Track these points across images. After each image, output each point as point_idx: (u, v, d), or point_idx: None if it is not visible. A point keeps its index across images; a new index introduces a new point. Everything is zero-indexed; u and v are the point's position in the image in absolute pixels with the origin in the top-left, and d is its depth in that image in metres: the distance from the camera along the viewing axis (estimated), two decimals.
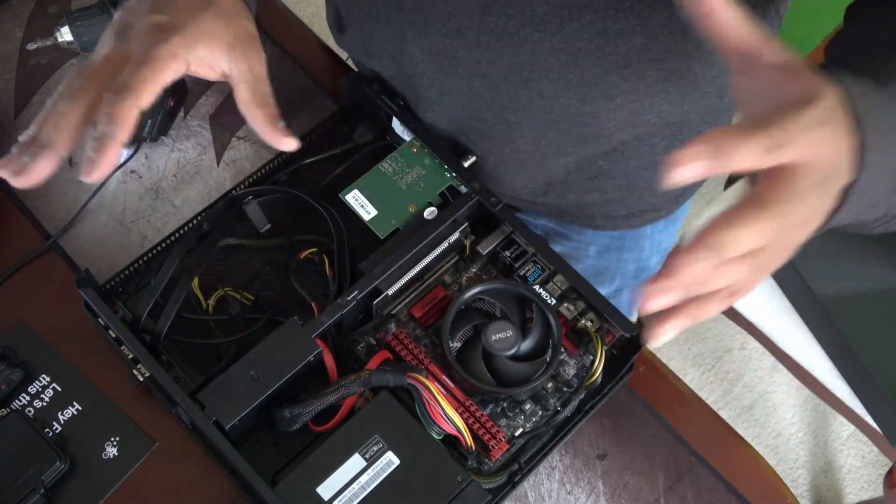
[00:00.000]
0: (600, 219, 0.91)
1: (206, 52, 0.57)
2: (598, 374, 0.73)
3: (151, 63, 0.54)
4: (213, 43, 0.57)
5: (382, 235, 0.76)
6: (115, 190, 0.86)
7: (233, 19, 0.59)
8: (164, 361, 0.73)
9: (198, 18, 0.56)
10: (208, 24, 0.57)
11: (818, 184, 0.46)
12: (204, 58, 0.57)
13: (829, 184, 0.47)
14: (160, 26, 0.55)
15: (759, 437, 1.66)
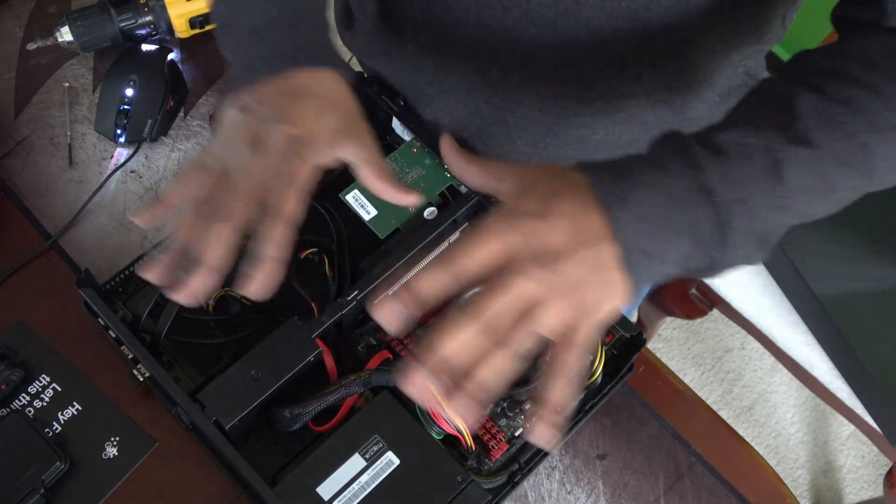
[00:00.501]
0: None
1: (330, 151, 0.60)
2: (598, 374, 0.73)
3: (296, 183, 0.56)
4: (339, 142, 0.60)
5: (382, 235, 0.76)
6: (115, 190, 0.86)
7: (347, 113, 0.61)
8: (164, 361, 0.73)
9: (323, 123, 0.59)
10: (332, 125, 0.59)
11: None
12: (329, 157, 0.60)
13: (595, 258, 0.50)
14: (294, 140, 0.57)
15: (759, 437, 1.66)
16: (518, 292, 0.48)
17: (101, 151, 0.89)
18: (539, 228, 0.49)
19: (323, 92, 0.60)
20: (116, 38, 0.90)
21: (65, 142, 0.89)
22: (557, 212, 0.50)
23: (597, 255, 0.49)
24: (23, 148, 0.88)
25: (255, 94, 0.59)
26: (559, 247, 0.49)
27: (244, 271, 0.56)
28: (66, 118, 0.90)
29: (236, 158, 0.57)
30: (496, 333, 0.48)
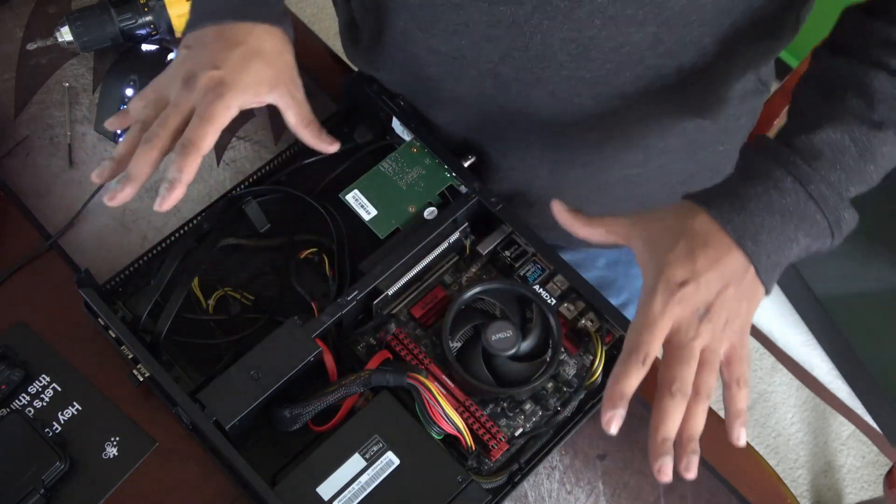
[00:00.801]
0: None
1: (253, 98, 0.67)
2: (598, 374, 0.73)
3: (211, 119, 0.64)
4: (261, 89, 0.67)
5: (382, 235, 0.76)
6: None
7: (276, 61, 0.68)
8: (164, 361, 0.73)
9: (248, 70, 0.66)
10: (256, 73, 0.66)
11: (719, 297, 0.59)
12: (251, 102, 0.67)
13: (737, 287, 0.59)
14: (218, 82, 0.65)
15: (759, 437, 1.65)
16: (696, 353, 0.57)
17: (101, 151, 0.89)
18: (695, 291, 0.58)
19: (255, 44, 0.67)
20: (116, 38, 0.90)
21: (65, 142, 0.89)
22: (703, 268, 0.58)
23: (743, 287, 0.59)
24: (23, 148, 0.88)
25: (199, 38, 0.68)
26: (712, 297, 0.58)
27: (159, 192, 0.64)
28: (66, 118, 0.90)
29: (172, 91, 0.66)
30: (695, 392, 0.57)
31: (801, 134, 0.61)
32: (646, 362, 0.57)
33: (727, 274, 0.59)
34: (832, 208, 0.60)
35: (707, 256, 0.59)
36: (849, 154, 0.60)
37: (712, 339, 0.58)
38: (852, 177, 0.61)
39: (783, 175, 0.60)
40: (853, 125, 0.60)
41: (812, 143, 0.60)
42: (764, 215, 0.59)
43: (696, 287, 0.58)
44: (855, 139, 0.60)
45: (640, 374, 0.57)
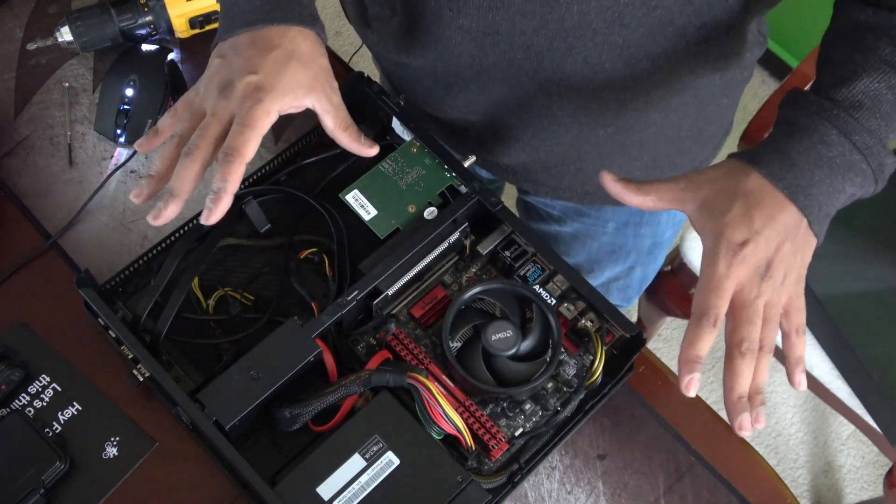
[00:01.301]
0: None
1: (293, 101, 0.66)
2: (598, 374, 0.73)
3: (251, 125, 0.63)
4: (299, 92, 0.66)
5: (382, 235, 0.76)
6: (115, 190, 0.86)
7: (311, 64, 0.67)
8: (164, 361, 0.73)
9: (285, 73, 0.65)
10: (293, 76, 0.66)
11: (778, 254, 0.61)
12: (290, 105, 0.66)
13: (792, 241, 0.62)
14: (256, 87, 0.64)
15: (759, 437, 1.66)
16: (760, 312, 0.60)
17: (101, 151, 0.89)
18: (755, 250, 0.60)
19: (290, 46, 0.66)
20: (116, 38, 0.90)
21: (65, 142, 0.89)
22: (761, 226, 0.61)
23: (798, 240, 0.62)
24: (23, 148, 0.88)
25: (232, 46, 0.67)
26: (771, 254, 0.61)
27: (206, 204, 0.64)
28: (66, 118, 0.90)
29: (209, 101, 0.66)
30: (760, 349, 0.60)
31: (840, 86, 0.63)
32: (716, 324, 0.60)
33: (783, 230, 0.61)
34: (875, 155, 0.62)
35: (763, 215, 0.61)
36: (886, 102, 0.62)
37: (773, 295, 0.61)
38: (891, 123, 0.63)
39: (828, 128, 0.62)
40: (889, 73, 0.62)
41: (852, 94, 0.62)
42: (813, 169, 0.61)
43: (755, 246, 0.60)
44: (892, 86, 0.62)
45: (711, 336, 0.60)
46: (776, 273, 0.61)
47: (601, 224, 0.99)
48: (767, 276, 0.60)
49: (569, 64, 0.73)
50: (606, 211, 0.97)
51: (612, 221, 0.99)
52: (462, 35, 0.74)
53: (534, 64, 0.74)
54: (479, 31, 0.73)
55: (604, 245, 1.01)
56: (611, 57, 0.72)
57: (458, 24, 0.73)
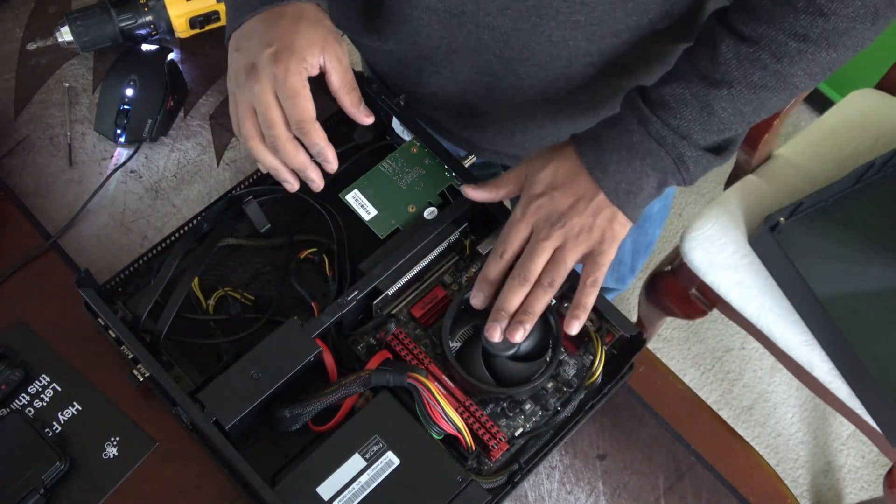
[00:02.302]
0: None
1: (311, 58, 0.68)
2: (598, 374, 0.73)
3: (295, 93, 0.66)
4: (314, 49, 0.68)
5: (382, 235, 0.76)
6: (115, 190, 0.86)
7: (319, 25, 0.69)
8: (164, 361, 0.73)
9: (297, 35, 0.67)
10: (306, 35, 0.68)
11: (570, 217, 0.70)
12: (311, 64, 0.68)
13: (587, 202, 0.70)
14: (276, 56, 0.66)
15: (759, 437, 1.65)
16: (544, 251, 0.69)
17: (101, 151, 0.89)
18: (549, 201, 0.70)
19: (295, 12, 0.69)
20: (116, 38, 0.90)
21: (65, 142, 0.89)
22: (558, 184, 0.70)
23: (593, 204, 0.70)
24: (23, 148, 0.88)
25: (244, 31, 0.69)
26: (565, 209, 0.69)
27: (310, 178, 0.70)
28: (66, 118, 0.90)
29: (247, 93, 0.68)
30: (537, 281, 0.69)
31: (657, 86, 0.71)
32: (503, 257, 0.70)
33: (579, 191, 0.70)
34: (671, 146, 0.69)
35: (564, 177, 0.71)
36: (690, 106, 0.69)
37: (565, 242, 0.69)
38: (693, 124, 0.69)
39: (631, 119, 0.70)
40: (695, 82, 0.69)
41: (660, 94, 0.70)
42: (613, 150, 0.70)
43: (549, 199, 0.70)
44: (695, 94, 0.69)
45: (497, 266, 0.70)
46: (569, 224, 0.69)
47: None
48: (559, 225, 0.69)
49: (533, 42, 0.74)
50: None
51: None
52: (429, 15, 0.75)
53: (500, 44, 0.75)
54: (446, 10, 0.74)
55: None
56: (574, 35, 0.73)
57: (424, 3, 0.74)
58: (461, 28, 0.75)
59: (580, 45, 0.74)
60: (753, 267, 1.18)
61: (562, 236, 0.69)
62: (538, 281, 0.69)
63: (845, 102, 1.33)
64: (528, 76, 0.78)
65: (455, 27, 0.75)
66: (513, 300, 0.69)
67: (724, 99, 0.69)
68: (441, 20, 0.75)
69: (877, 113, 1.29)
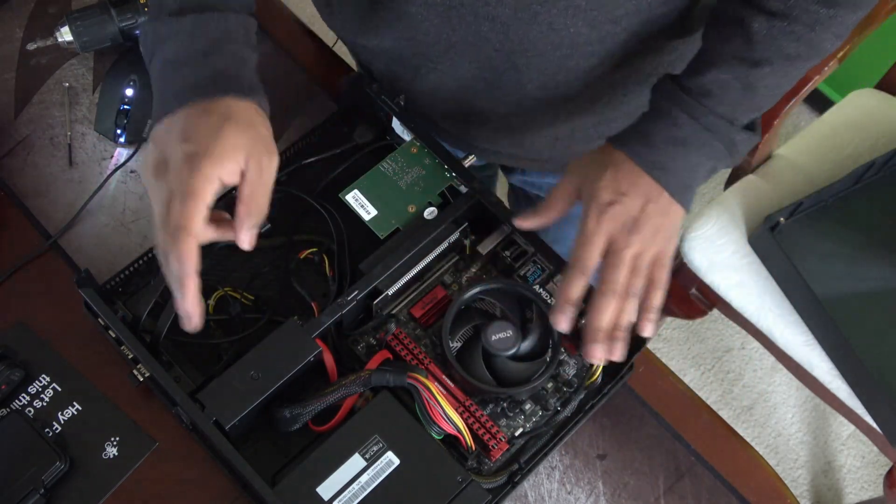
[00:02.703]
0: None
1: (232, 165, 0.62)
2: (598, 374, 0.73)
3: (192, 195, 0.59)
4: (238, 155, 0.62)
5: (382, 235, 0.76)
6: (115, 190, 0.86)
7: (249, 129, 0.63)
8: (164, 361, 0.73)
9: (220, 136, 0.61)
10: (230, 138, 0.61)
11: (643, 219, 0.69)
12: (231, 171, 0.62)
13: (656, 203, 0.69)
14: (191, 155, 0.60)
15: (759, 437, 1.65)
16: (626, 260, 0.68)
17: (101, 151, 0.89)
18: (622, 208, 0.69)
19: (225, 111, 0.63)
20: (116, 38, 0.90)
21: (65, 142, 0.89)
22: (626, 189, 0.69)
23: (661, 205, 0.70)
24: (23, 148, 0.88)
25: (166, 124, 0.63)
26: (637, 213, 0.69)
27: (174, 294, 0.61)
28: (66, 118, 0.90)
29: (151, 191, 0.62)
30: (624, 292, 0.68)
31: (694, 75, 0.71)
32: (584, 272, 0.68)
33: (646, 193, 0.69)
34: (723, 134, 0.70)
35: (627, 181, 0.70)
36: (733, 89, 0.70)
37: (641, 247, 0.68)
38: (738, 107, 0.71)
39: (679, 112, 0.70)
40: (735, 65, 0.70)
41: (702, 83, 0.70)
42: (668, 147, 0.70)
43: (622, 206, 0.69)
44: (738, 76, 0.70)
45: (580, 283, 0.68)
46: (644, 229, 0.68)
47: None
48: (636, 230, 0.68)
49: (534, 31, 0.74)
50: None
51: None
52: (427, 10, 0.74)
53: (500, 35, 0.75)
54: (444, 4, 0.73)
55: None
56: (575, 22, 0.73)
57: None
58: (460, 21, 0.74)
59: (581, 31, 0.74)
60: (753, 267, 1.18)
61: (639, 242, 0.68)
62: (626, 292, 0.68)
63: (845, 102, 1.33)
64: (527, 68, 0.78)
65: (454, 20, 0.74)
66: (607, 316, 0.67)
67: (766, 77, 0.70)
68: (439, 14, 0.74)
69: (877, 113, 1.29)
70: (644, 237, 0.68)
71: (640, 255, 0.68)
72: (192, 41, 0.64)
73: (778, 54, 0.70)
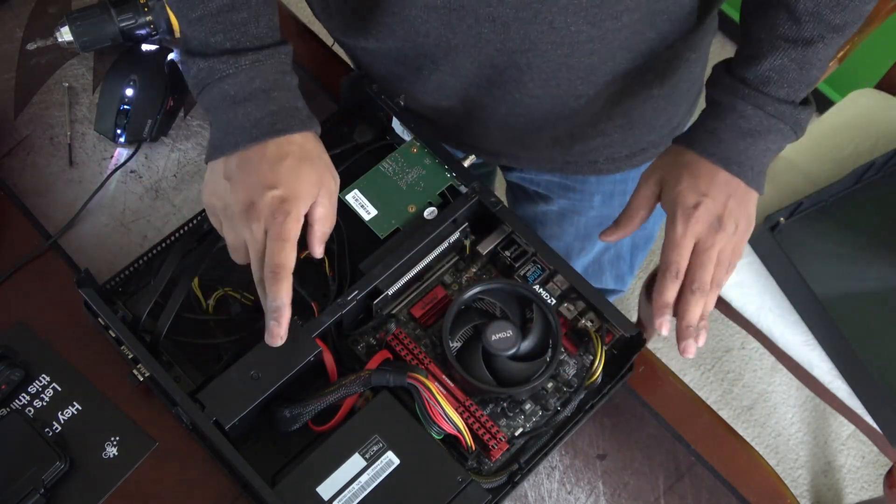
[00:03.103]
0: (603, 162, 0.93)
1: (312, 200, 0.68)
2: (598, 374, 0.73)
3: (287, 238, 0.66)
4: (315, 191, 0.69)
5: (382, 235, 0.76)
6: (115, 190, 0.86)
7: (318, 163, 0.70)
8: (164, 361, 0.73)
9: (301, 178, 0.68)
10: (308, 178, 0.68)
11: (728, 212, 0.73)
12: (310, 203, 0.68)
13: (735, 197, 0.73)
14: (281, 200, 0.66)
15: (759, 437, 1.65)
16: (713, 258, 0.72)
17: (101, 151, 0.89)
18: (706, 210, 0.72)
19: (298, 152, 0.69)
20: (116, 38, 0.90)
21: (65, 142, 0.89)
22: (707, 189, 0.72)
23: (740, 197, 0.73)
24: (23, 148, 0.88)
25: (238, 162, 0.68)
26: (720, 210, 0.72)
27: (267, 325, 0.67)
28: (66, 118, 0.90)
29: (239, 228, 0.68)
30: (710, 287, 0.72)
31: (750, 65, 0.73)
32: (678, 276, 0.71)
33: (726, 188, 0.73)
34: (789, 117, 0.73)
35: (706, 180, 0.73)
36: (791, 71, 0.72)
37: (726, 243, 0.72)
38: (798, 86, 0.73)
39: (744, 105, 0.73)
40: (788, 48, 0.72)
41: (760, 72, 0.73)
42: (738, 141, 0.73)
43: (705, 207, 0.72)
44: (793, 58, 0.72)
45: (676, 287, 0.72)
46: (728, 225, 0.72)
47: (587, 198, 1.01)
48: (721, 228, 0.72)
49: (535, 30, 0.74)
50: (590, 183, 0.99)
51: (598, 194, 1.00)
52: (428, 13, 0.74)
53: (501, 35, 0.75)
54: (444, 6, 0.73)
55: (591, 219, 1.03)
56: (576, 20, 0.73)
57: (423, 1, 0.73)
58: (461, 22, 0.74)
59: (582, 29, 0.74)
60: (753, 267, 1.18)
61: (724, 238, 0.72)
62: (710, 286, 0.72)
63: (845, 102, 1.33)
64: (529, 68, 0.78)
65: (454, 22, 0.74)
66: (696, 313, 0.71)
67: (819, 52, 0.72)
68: (440, 16, 0.74)
69: (877, 113, 1.29)
70: (728, 233, 0.72)
71: (724, 250, 0.72)
72: (252, 81, 0.69)
73: (827, 27, 0.71)
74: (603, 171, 0.94)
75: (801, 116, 0.74)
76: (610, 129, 0.88)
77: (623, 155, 0.92)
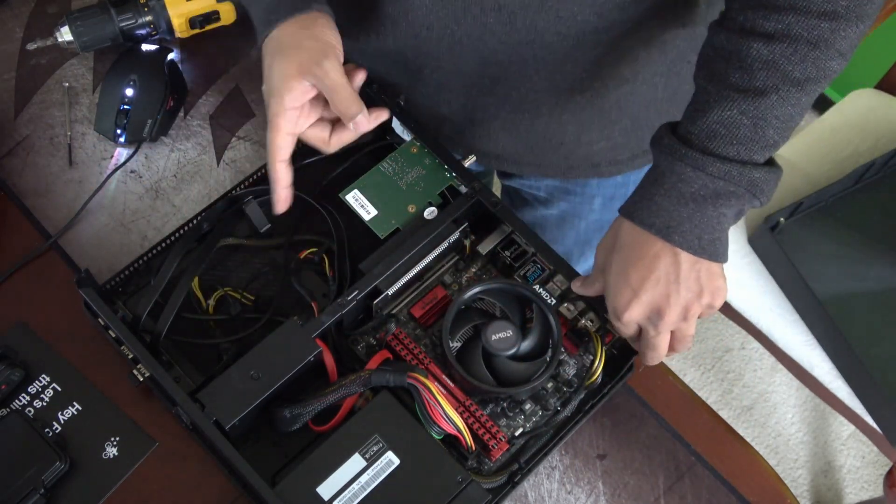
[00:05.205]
0: (605, 165, 0.92)
1: (292, 94, 0.68)
2: (598, 373, 0.73)
3: (273, 128, 0.69)
4: (291, 83, 0.68)
5: (382, 235, 0.76)
6: (115, 190, 0.86)
7: (295, 53, 0.69)
8: (164, 361, 0.73)
9: (273, 74, 0.69)
10: (280, 72, 0.68)
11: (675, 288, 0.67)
12: (296, 96, 0.69)
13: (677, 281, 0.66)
14: (269, 95, 0.69)
15: (759, 437, 1.65)
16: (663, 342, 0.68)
17: (101, 151, 0.89)
18: (642, 308, 0.67)
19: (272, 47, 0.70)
20: (116, 38, 0.90)
21: (65, 142, 0.89)
22: (638, 285, 0.66)
23: (686, 273, 0.66)
24: (23, 148, 0.88)
25: (280, 33, 0.70)
26: (660, 300, 0.66)
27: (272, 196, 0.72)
28: (66, 118, 0.90)
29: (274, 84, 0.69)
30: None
31: (696, 119, 0.66)
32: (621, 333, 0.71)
33: (663, 276, 0.66)
34: (738, 177, 0.64)
35: (638, 273, 0.67)
36: (743, 127, 0.64)
37: (676, 325, 0.67)
38: (752, 145, 0.65)
39: (682, 167, 0.65)
40: (738, 99, 0.64)
41: (705, 125, 0.65)
42: (679, 208, 0.66)
43: (639, 306, 0.67)
44: (744, 111, 0.64)
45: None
46: (671, 312, 0.66)
47: (587, 201, 1.00)
48: (662, 319, 0.66)
49: (541, 20, 0.73)
50: (591, 186, 0.98)
51: (599, 197, 0.99)
52: (433, 2, 0.74)
53: (506, 27, 0.74)
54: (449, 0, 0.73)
55: (591, 223, 1.02)
56: (582, 9, 0.72)
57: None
58: (465, 13, 0.74)
59: (588, 19, 0.73)
60: (753, 267, 1.18)
61: (670, 325, 0.67)
62: (670, 350, 0.70)
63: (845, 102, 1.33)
64: (534, 60, 0.77)
65: (458, 13, 0.74)
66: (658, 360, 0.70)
67: (775, 106, 0.64)
68: (444, 7, 0.73)
69: (877, 113, 1.29)
70: (675, 318, 0.67)
71: (679, 329, 0.68)
72: None
73: (784, 79, 0.64)
74: (605, 173, 0.94)
75: (757, 176, 0.65)
76: (615, 132, 0.87)
77: (625, 157, 0.92)
